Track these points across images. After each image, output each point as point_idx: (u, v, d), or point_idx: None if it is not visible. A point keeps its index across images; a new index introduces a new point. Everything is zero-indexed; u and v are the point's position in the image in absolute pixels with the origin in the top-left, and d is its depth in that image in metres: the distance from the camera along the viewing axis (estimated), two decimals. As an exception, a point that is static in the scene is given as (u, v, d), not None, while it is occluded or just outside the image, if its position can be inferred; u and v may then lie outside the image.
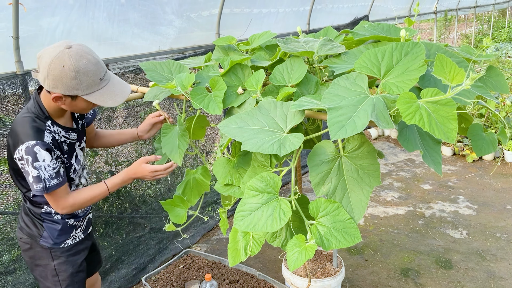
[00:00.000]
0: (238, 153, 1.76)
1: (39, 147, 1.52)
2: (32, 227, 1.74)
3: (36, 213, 1.72)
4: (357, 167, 1.40)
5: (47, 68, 1.46)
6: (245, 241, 1.58)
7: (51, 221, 1.74)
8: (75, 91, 1.51)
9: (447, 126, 1.15)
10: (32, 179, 1.53)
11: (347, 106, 1.24)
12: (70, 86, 1.49)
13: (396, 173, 4.84)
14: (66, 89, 1.49)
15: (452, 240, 3.43)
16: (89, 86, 1.52)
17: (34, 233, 1.74)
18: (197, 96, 1.69)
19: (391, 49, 1.37)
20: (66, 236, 1.78)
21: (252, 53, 1.97)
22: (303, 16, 4.95)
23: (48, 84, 1.49)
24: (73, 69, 1.47)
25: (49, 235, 1.74)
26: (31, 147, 1.51)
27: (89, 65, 1.50)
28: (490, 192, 4.24)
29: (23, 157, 1.53)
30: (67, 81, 1.47)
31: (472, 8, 11.02)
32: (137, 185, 3.22)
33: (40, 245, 1.74)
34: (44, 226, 1.73)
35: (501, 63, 8.05)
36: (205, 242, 3.57)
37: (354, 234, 1.34)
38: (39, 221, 1.73)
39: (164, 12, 3.17)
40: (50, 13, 2.44)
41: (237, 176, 1.72)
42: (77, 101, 1.56)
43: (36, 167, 1.52)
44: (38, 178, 1.53)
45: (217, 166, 1.78)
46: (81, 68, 1.48)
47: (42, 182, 1.54)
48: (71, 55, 1.47)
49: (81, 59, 1.49)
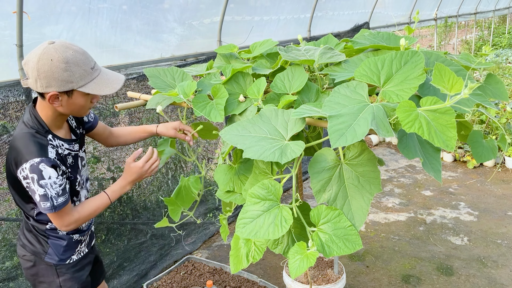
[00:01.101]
0: (239, 160, 1.77)
1: (44, 164, 1.48)
2: (36, 244, 1.70)
3: (41, 229, 1.68)
4: (358, 174, 1.41)
5: (35, 67, 1.42)
6: (247, 248, 1.59)
7: (56, 238, 1.70)
8: (69, 85, 1.46)
9: (446, 134, 1.17)
10: (39, 197, 1.50)
11: (347, 114, 1.26)
12: (64, 80, 1.44)
13: (397, 179, 4.85)
14: (60, 84, 1.45)
15: (453, 246, 3.43)
16: (82, 76, 1.48)
17: (39, 250, 1.69)
18: (199, 104, 1.71)
19: (390, 57, 1.38)
20: (71, 252, 1.75)
21: (253, 61, 1.99)
22: (304, 23, 4.99)
23: (41, 85, 1.44)
24: (62, 60, 1.43)
25: (54, 251, 1.70)
26: (36, 164, 1.47)
27: (77, 54, 1.47)
28: (491, 199, 4.24)
29: (28, 176, 1.48)
30: (59, 75, 1.43)
31: (472, 15, 11.06)
32: (139, 192, 3.24)
33: (45, 262, 1.70)
34: (49, 243, 1.69)
35: (501, 69, 8.08)
36: (206, 248, 3.58)
37: (355, 241, 1.35)
38: (44, 237, 1.69)
39: (166, 20, 3.20)
40: (53, 21, 2.47)
41: (238, 183, 1.73)
42: (73, 98, 1.51)
43: (42, 185, 1.48)
44: (45, 196, 1.49)
45: (218, 173, 1.79)
46: (69, 59, 1.44)
47: (50, 201, 1.51)
48: (56, 48, 1.44)
49: (67, 50, 1.45)
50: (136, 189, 3.22)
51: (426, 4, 8.24)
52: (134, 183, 1.75)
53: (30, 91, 2.36)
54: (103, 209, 1.70)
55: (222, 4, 3.63)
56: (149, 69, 1.93)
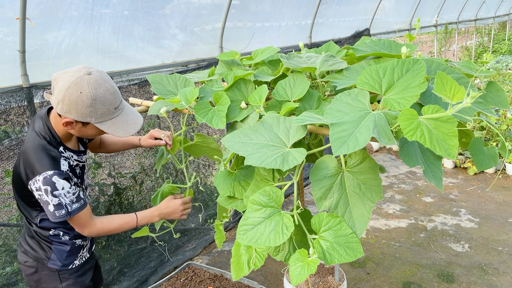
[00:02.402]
0: (240, 165, 1.77)
1: (57, 177, 1.50)
2: (38, 250, 1.70)
3: (44, 235, 1.68)
4: (359, 181, 1.41)
5: (63, 92, 1.44)
6: (248, 255, 1.59)
7: (60, 243, 1.71)
8: (88, 119, 1.49)
9: (447, 143, 1.17)
10: (53, 207, 1.51)
11: (349, 122, 1.26)
12: (84, 113, 1.47)
13: (398, 185, 4.84)
14: (79, 115, 1.47)
15: (454, 253, 3.42)
16: (103, 114, 1.50)
17: (41, 256, 1.70)
18: (200, 111, 1.71)
19: (392, 65, 1.39)
20: (74, 257, 1.75)
21: (255, 68, 2.00)
22: (305, 29, 5.01)
23: (61, 108, 1.46)
24: (90, 97, 1.45)
25: (57, 257, 1.70)
26: (49, 177, 1.49)
27: (107, 94, 1.49)
28: (492, 205, 4.24)
29: (40, 188, 1.50)
30: (82, 108, 1.46)
31: (472, 21, 11.11)
32: (140, 197, 3.23)
33: (48, 268, 1.70)
34: (52, 248, 1.70)
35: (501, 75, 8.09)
36: (206, 254, 3.57)
37: (356, 249, 1.35)
38: (47, 243, 1.69)
39: (168, 26, 3.21)
40: (56, 28, 2.48)
41: (239, 189, 1.73)
42: (87, 128, 1.55)
43: (56, 195, 1.51)
44: (59, 205, 1.52)
45: (218, 179, 1.79)
46: (98, 97, 1.46)
47: (64, 208, 1.53)
48: (90, 82, 1.46)
49: (100, 87, 1.47)
50: (136, 195, 3.22)
51: (427, 11, 8.28)
52: (164, 217, 1.79)
53: (32, 97, 2.37)
54: (127, 229, 1.71)
55: (224, 11, 3.65)
56: (151, 75, 1.94)
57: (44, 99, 2.44)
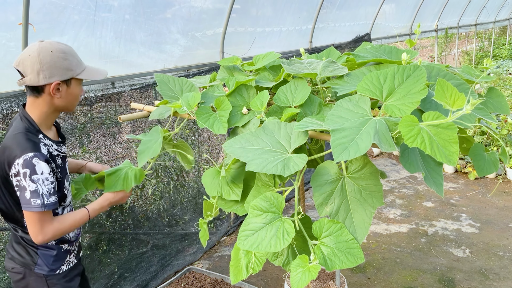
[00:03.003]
0: (231, 166, 1.77)
1: (37, 159, 1.50)
2: (25, 256, 1.69)
3: (30, 240, 1.65)
4: (360, 187, 1.41)
5: (37, 60, 1.51)
6: (247, 259, 1.59)
7: (46, 248, 1.70)
8: (69, 73, 1.57)
9: (448, 149, 1.17)
10: (29, 194, 1.49)
11: (350, 128, 1.27)
12: (65, 68, 1.56)
13: (399, 190, 4.84)
14: (62, 73, 1.55)
15: (455, 258, 3.41)
16: (77, 65, 1.61)
17: (28, 261, 1.68)
18: (202, 116, 1.72)
19: (392, 72, 1.40)
20: (61, 262, 1.74)
21: (256, 73, 2.01)
22: (305, 34, 5.02)
23: (44, 76, 1.52)
24: (60, 51, 1.55)
25: (44, 262, 1.69)
26: (29, 159, 1.49)
27: (68, 47, 1.61)
28: (493, 210, 4.23)
29: (19, 172, 1.49)
30: (61, 64, 1.55)
31: (472, 26, 11.13)
32: (141, 202, 3.24)
33: (35, 274, 1.69)
34: (38, 254, 1.69)
35: (502, 80, 8.11)
36: (207, 259, 3.57)
37: (357, 255, 1.35)
38: (33, 248, 1.68)
39: (169, 31, 3.23)
40: (58, 33, 2.49)
41: (226, 190, 1.71)
42: (72, 87, 1.61)
43: (34, 181, 1.49)
44: (36, 192, 1.50)
45: (206, 177, 1.77)
46: (65, 50, 1.57)
47: (40, 198, 1.50)
48: (50, 43, 1.56)
49: (59, 44, 1.59)
50: (137, 199, 3.22)
51: (427, 16, 8.30)
52: (113, 204, 1.81)
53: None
54: (81, 225, 1.70)
55: (225, 16, 3.66)
56: (159, 75, 1.94)
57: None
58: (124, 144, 3.17)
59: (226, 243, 3.81)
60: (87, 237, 2.87)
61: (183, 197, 3.61)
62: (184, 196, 3.62)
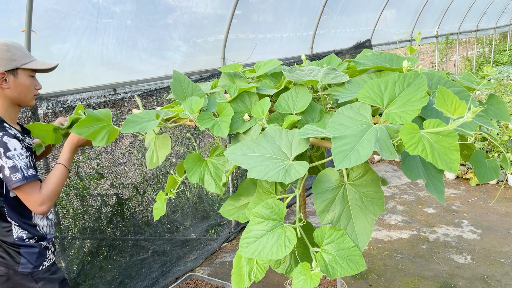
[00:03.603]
0: (214, 154, 1.78)
1: (7, 137, 1.59)
2: (7, 257, 1.73)
3: (9, 242, 1.72)
4: (361, 195, 1.42)
5: None
6: (249, 267, 1.59)
7: (27, 246, 1.74)
8: (13, 63, 1.65)
9: (449, 157, 1.18)
10: (8, 171, 1.58)
11: (351, 136, 1.27)
12: (7, 58, 1.64)
13: (400, 196, 4.83)
14: (5, 63, 1.63)
15: (456, 265, 3.40)
16: (23, 56, 1.68)
17: (10, 262, 1.72)
18: (204, 121, 1.72)
19: (393, 79, 1.40)
20: (43, 259, 1.79)
21: (257, 80, 2.02)
22: (306, 40, 5.04)
23: None
24: (3, 44, 1.65)
25: (27, 260, 1.74)
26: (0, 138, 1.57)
27: (14, 43, 1.70)
28: (494, 216, 4.22)
29: None
30: (3, 55, 1.63)
31: (473, 32, 11.17)
32: (142, 208, 3.24)
33: (20, 273, 1.73)
34: (21, 253, 1.73)
35: (502, 86, 8.12)
36: (208, 265, 3.56)
37: (358, 262, 1.35)
38: (15, 248, 1.73)
39: (171, 38, 3.25)
40: (61, 40, 2.51)
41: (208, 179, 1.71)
42: (19, 78, 1.67)
43: (10, 157, 1.58)
44: (14, 167, 1.58)
45: (188, 162, 1.76)
46: (9, 44, 1.67)
47: (20, 171, 1.59)
48: None
49: (6, 40, 1.69)
50: (138, 205, 3.22)
51: (427, 22, 8.33)
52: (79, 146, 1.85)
53: (36, 108, 2.38)
54: (65, 177, 1.77)
55: (226, 22, 3.68)
56: (176, 72, 1.93)
57: (48, 110, 2.46)
58: (125, 149, 3.18)
59: (227, 249, 3.81)
60: (88, 243, 2.87)
61: (183, 203, 3.61)
62: (184, 202, 3.62)
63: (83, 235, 2.82)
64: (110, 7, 2.76)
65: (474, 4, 9.49)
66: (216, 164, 1.77)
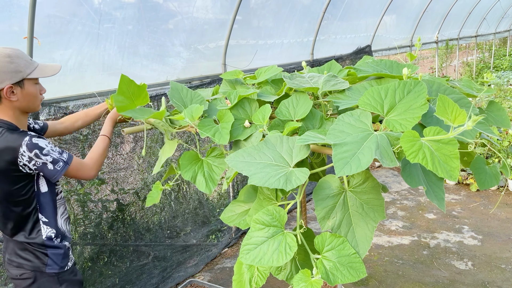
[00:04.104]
0: (211, 154, 1.79)
1: (35, 138, 1.64)
2: (34, 260, 1.77)
3: (38, 243, 1.76)
4: (362, 201, 1.42)
5: None
6: (250, 274, 1.59)
7: (54, 247, 1.79)
8: (19, 74, 1.65)
9: (449, 165, 1.18)
10: (51, 165, 1.67)
11: (351, 143, 1.28)
12: (13, 71, 1.64)
13: (400, 201, 4.83)
14: (11, 76, 1.63)
15: (457, 271, 3.40)
16: (26, 66, 1.68)
17: (38, 264, 1.76)
18: (204, 127, 1.73)
19: (393, 87, 1.41)
20: (67, 259, 1.85)
21: (258, 87, 2.03)
22: (307, 46, 5.06)
23: None
24: (5, 55, 1.63)
25: (54, 261, 1.78)
26: (29, 141, 1.62)
27: (15, 50, 1.68)
28: (495, 222, 4.22)
29: (31, 157, 1.62)
30: (7, 68, 1.63)
31: (473, 37, 11.20)
32: (142, 213, 3.24)
33: (47, 274, 1.77)
34: (48, 254, 1.77)
35: (502, 91, 8.13)
36: (208, 271, 3.55)
37: (359, 269, 1.35)
38: (42, 250, 1.77)
39: (172, 44, 3.26)
40: (63, 46, 2.52)
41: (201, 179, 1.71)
42: (26, 88, 1.69)
43: (46, 153, 1.65)
44: (54, 160, 1.67)
45: (184, 159, 1.77)
46: (10, 54, 1.65)
47: (60, 160, 1.69)
48: None
49: (5, 49, 1.67)
50: (139, 211, 3.22)
51: (427, 28, 8.36)
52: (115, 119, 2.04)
53: (38, 114, 2.39)
54: (107, 148, 1.92)
55: (227, 28, 3.70)
56: (173, 82, 1.94)
57: (49, 116, 2.47)
58: (126, 155, 3.18)
59: (228, 255, 3.80)
60: (88, 249, 2.87)
61: (184, 208, 3.61)
62: (185, 207, 3.62)
63: (83, 241, 2.82)
64: (112, 13, 2.78)
65: (474, 10, 9.53)
66: (211, 165, 1.77)
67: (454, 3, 8.31)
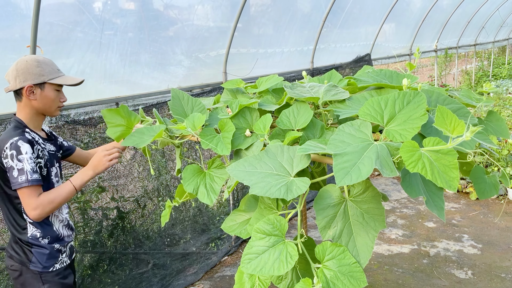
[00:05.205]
0: (212, 166, 1.79)
1: (22, 141, 1.73)
2: (21, 254, 1.85)
3: (24, 240, 1.84)
4: (363, 211, 1.43)
5: (15, 68, 1.78)
6: (251, 283, 1.59)
7: (39, 246, 1.85)
8: (41, 77, 1.79)
9: (449, 175, 1.19)
10: (16, 172, 1.71)
11: (352, 153, 1.29)
12: (36, 73, 1.78)
13: (400, 210, 4.83)
14: (34, 77, 1.78)
15: (457, 280, 3.39)
16: (51, 72, 1.82)
17: (24, 259, 1.85)
18: (206, 137, 1.74)
19: (393, 97, 1.42)
20: (54, 261, 1.88)
21: (259, 96, 2.04)
22: (307, 55, 5.09)
23: (19, 81, 1.77)
24: (34, 60, 1.81)
25: (38, 260, 1.84)
26: (15, 142, 1.72)
27: (46, 59, 1.85)
28: (495, 231, 4.22)
29: (7, 155, 1.72)
30: (33, 70, 1.78)
31: (472, 46, 11.26)
32: (142, 220, 3.24)
33: (31, 271, 1.84)
34: (32, 252, 1.84)
35: (501, 99, 8.17)
36: (208, 279, 3.55)
37: (360, 278, 1.35)
38: (28, 247, 1.85)
39: (174, 53, 3.29)
40: (65, 55, 2.54)
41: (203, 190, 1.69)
42: (45, 91, 1.81)
43: (21, 160, 1.71)
44: (22, 170, 1.72)
45: (187, 172, 1.76)
46: (40, 60, 1.82)
47: (25, 174, 1.72)
48: (29, 55, 1.84)
49: (38, 56, 1.85)
50: (138, 218, 3.22)
51: (427, 36, 8.41)
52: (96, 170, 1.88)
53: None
54: (69, 196, 1.83)
55: (228, 36, 3.73)
56: (174, 90, 1.94)
57: (51, 124, 2.48)
58: (126, 162, 3.19)
59: (228, 263, 3.80)
60: (88, 257, 2.87)
61: (184, 216, 3.62)
62: (185, 215, 3.63)
63: (83, 248, 2.82)
64: (113, 21, 2.80)
65: (472, 19, 9.60)
66: (213, 176, 1.77)
67: (453, 12, 8.38)
